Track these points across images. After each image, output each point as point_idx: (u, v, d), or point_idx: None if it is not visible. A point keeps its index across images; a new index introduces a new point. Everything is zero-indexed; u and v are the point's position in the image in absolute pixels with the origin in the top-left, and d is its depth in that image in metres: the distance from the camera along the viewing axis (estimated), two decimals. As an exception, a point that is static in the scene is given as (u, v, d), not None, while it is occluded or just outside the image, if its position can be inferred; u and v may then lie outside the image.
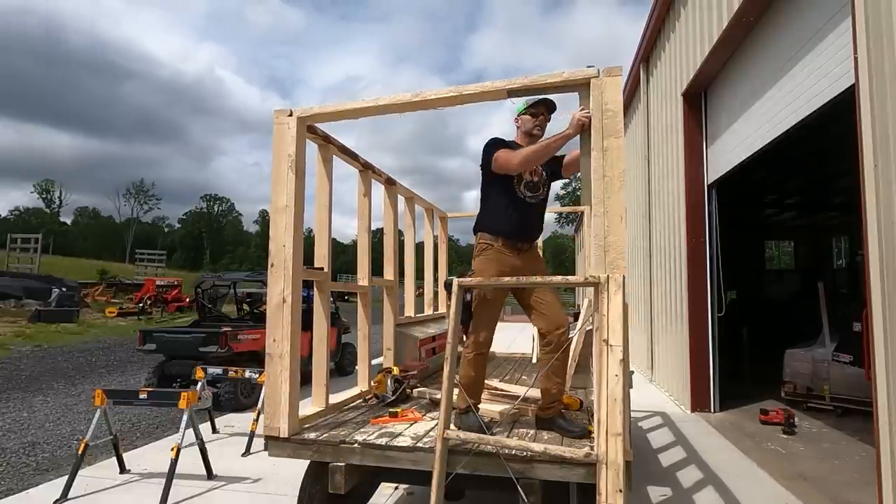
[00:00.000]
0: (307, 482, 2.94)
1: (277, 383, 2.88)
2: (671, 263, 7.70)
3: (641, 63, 9.21)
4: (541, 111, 3.07)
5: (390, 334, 4.40)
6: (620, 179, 2.49)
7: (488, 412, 3.16)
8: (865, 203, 3.18)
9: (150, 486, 4.20)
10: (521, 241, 3.07)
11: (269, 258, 2.97)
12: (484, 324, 2.99)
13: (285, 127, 3.00)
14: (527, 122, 3.09)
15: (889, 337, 2.97)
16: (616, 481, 2.09)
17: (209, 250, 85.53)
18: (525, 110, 3.08)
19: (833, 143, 6.91)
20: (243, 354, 7.53)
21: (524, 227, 3.09)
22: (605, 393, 2.22)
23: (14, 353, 12.35)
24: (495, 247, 3.02)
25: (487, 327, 3.02)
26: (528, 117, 3.09)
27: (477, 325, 2.98)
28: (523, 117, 3.10)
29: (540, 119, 3.08)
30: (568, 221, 62.13)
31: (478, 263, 3.04)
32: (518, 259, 3.03)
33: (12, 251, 28.76)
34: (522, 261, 3.04)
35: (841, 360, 6.17)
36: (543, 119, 3.09)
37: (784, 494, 4.07)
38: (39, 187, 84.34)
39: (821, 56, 4.15)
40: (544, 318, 2.94)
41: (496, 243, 3.02)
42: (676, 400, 7.36)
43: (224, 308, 10.39)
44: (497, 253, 3.01)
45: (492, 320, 3.05)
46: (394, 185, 4.52)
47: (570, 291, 33.35)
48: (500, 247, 3.01)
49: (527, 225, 3.10)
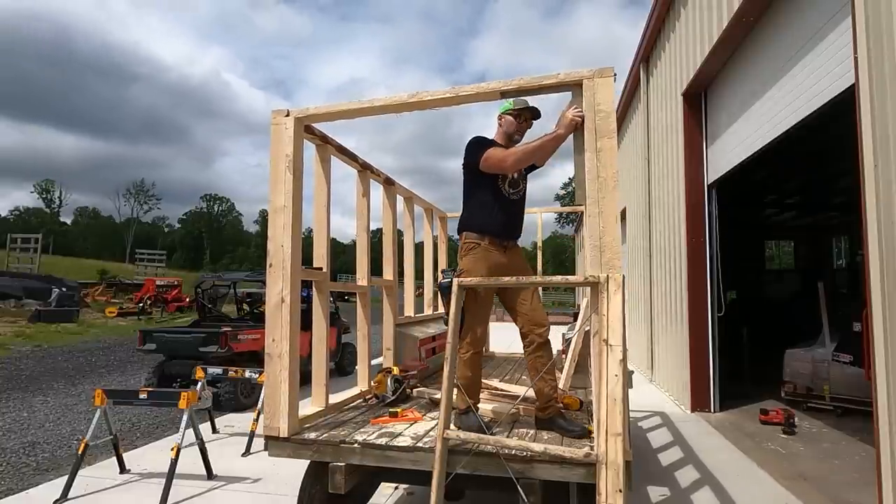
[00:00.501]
0: (307, 482, 2.94)
1: (277, 383, 2.88)
2: (671, 263, 7.70)
3: (641, 63, 9.21)
4: (525, 116, 3.10)
5: (390, 334, 4.40)
6: (614, 180, 2.51)
7: (488, 412, 3.16)
8: (865, 203, 3.18)
9: (150, 486, 4.20)
10: (507, 239, 3.10)
11: (267, 258, 2.97)
12: (477, 322, 3.00)
13: (283, 127, 3.00)
14: (510, 124, 3.11)
15: (889, 337, 2.97)
16: (616, 481, 2.09)
17: (209, 250, 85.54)
18: (509, 111, 3.10)
19: (833, 143, 6.91)
20: (243, 354, 7.53)
21: (509, 224, 3.12)
22: (605, 393, 2.22)
23: (14, 353, 12.36)
24: (482, 245, 3.02)
25: (481, 325, 3.04)
26: (511, 119, 3.10)
27: (470, 324, 2.98)
28: (506, 117, 3.12)
29: (522, 125, 3.11)
30: (568, 221, 62.23)
31: (466, 263, 3.04)
32: (504, 256, 3.05)
33: (12, 251, 28.77)
34: (508, 258, 3.07)
35: (841, 360, 6.17)
36: (525, 125, 3.12)
37: (784, 494, 4.07)
38: (39, 187, 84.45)
39: (821, 56, 4.15)
40: (524, 317, 2.97)
41: (483, 241, 3.02)
42: (676, 400, 7.35)
43: (224, 308, 10.39)
44: (484, 251, 3.01)
45: (484, 318, 3.08)
46: (393, 185, 4.52)
47: (569, 291, 33.37)
48: (487, 245, 3.02)
49: (511, 222, 3.14)
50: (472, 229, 3.07)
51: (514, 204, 3.15)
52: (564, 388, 3.74)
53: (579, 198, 2.63)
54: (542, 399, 2.91)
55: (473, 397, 3.04)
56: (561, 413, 2.94)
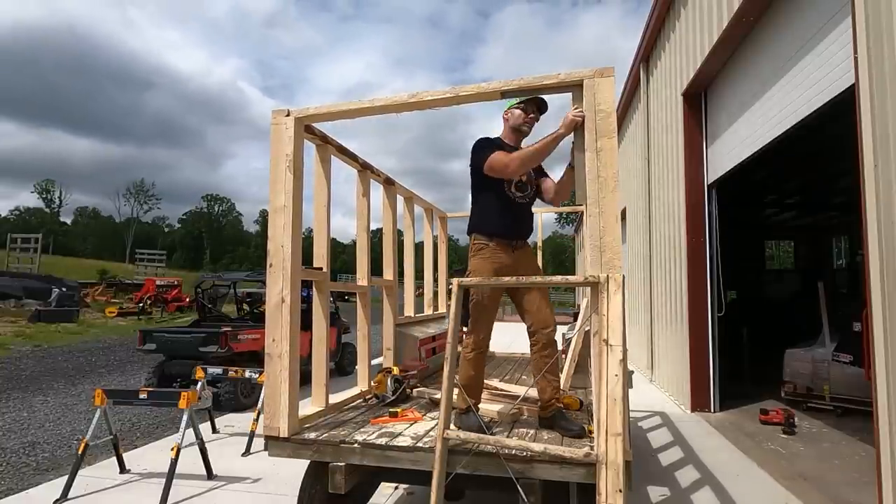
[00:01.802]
0: (307, 482, 2.94)
1: (277, 383, 2.88)
2: (671, 263, 7.70)
3: (641, 63, 9.21)
4: (532, 108, 3.10)
5: (390, 334, 4.40)
6: (614, 180, 2.50)
7: (488, 412, 3.16)
8: (865, 203, 3.18)
9: (150, 486, 4.19)
10: (515, 240, 3.12)
11: (267, 258, 2.97)
12: (482, 323, 3.03)
13: (283, 127, 3.00)
14: (516, 116, 3.10)
15: (889, 337, 2.97)
16: (616, 481, 2.09)
17: (209, 250, 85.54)
18: (515, 105, 3.10)
19: (833, 143, 6.90)
20: (243, 354, 7.52)
21: (516, 226, 3.13)
22: (605, 393, 2.22)
23: (14, 353, 12.35)
24: (490, 246, 3.06)
25: (486, 326, 3.05)
26: (518, 112, 3.10)
27: (475, 324, 3.03)
28: (513, 111, 3.12)
29: (530, 117, 3.11)
30: (568, 221, 62.18)
31: (474, 263, 3.08)
32: (512, 258, 3.07)
33: (12, 251, 28.77)
34: (516, 259, 3.08)
35: (841, 360, 6.17)
36: (533, 118, 3.12)
37: (784, 494, 4.07)
38: (39, 187, 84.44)
39: (821, 56, 4.14)
40: (532, 316, 3.01)
41: (491, 243, 3.06)
42: (676, 400, 7.35)
43: (224, 308, 10.39)
44: (492, 252, 3.05)
45: (489, 319, 3.08)
46: (393, 185, 4.52)
47: (569, 291, 33.35)
48: (495, 246, 3.05)
49: (519, 224, 3.15)
50: (480, 231, 3.10)
51: (521, 206, 3.16)
52: (564, 388, 3.74)
53: (579, 198, 2.63)
54: (544, 398, 2.93)
55: (474, 397, 3.05)
56: (562, 412, 2.95)
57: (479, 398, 3.17)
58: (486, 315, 3.05)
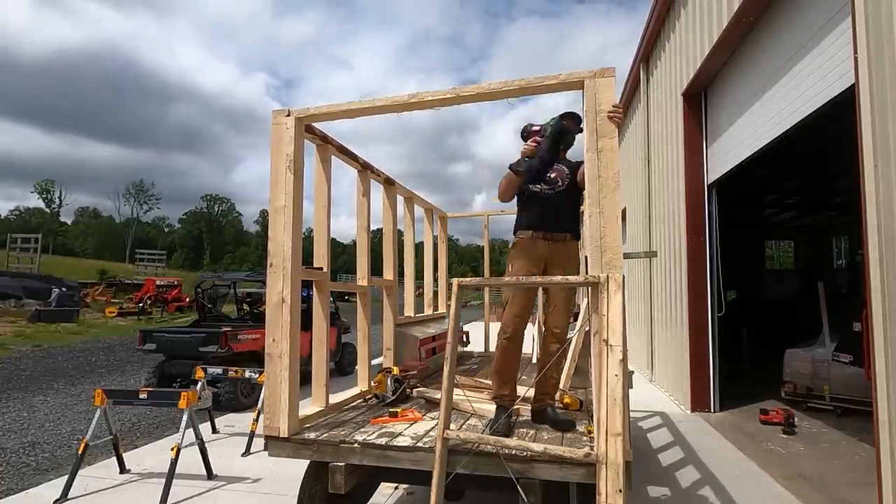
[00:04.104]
0: (307, 482, 2.94)
1: (277, 383, 2.88)
2: (671, 263, 7.70)
3: (641, 63, 9.21)
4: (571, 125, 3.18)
5: (390, 334, 4.39)
6: (615, 180, 2.50)
7: (487, 412, 3.16)
8: (865, 203, 3.18)
9: (150, 486, 4.19)
10: (549, 231, 3.16)
11: (267, 258, 2.97)
12: (511, 312, 3.09)
13: (283, 127, 3.00)
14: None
15: (889, 337, 2.97)
16: (616, 481, 2.09)
17: (209, 250, 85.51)
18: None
19: (833, 143, 6.90)
20: (243, 354, 7.52)
21: (548, 216, 3.18)
22: (605, 393, 2.22)
23: (14, 353, 12.35)
24: (525, 239, 3.19)
25: (515, 316, 3.09)
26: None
27: (506, 313, 3.12)
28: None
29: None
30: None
31: (510, 256, 3.25)
32: (548, 250, 3.14)
33: (12, 251, 28.78)
34: (553, 251, 3.14)
35: (841, 360, 6.17)
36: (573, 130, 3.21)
37: (784, 494, 4.07)
38: (40, 187, 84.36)
39: (821, 56, 4.14)
40: (548, 316, 3.20)
41: (525, 236, 3.19)
42: (676, 400, 7.35)
43: (224, 308, 10.39)
44: (527, 244, 3.17)
45: (522, 309, 3.09)
46: (393, 185, 4.52)
47: (570, 291, 33.26)
48: (530, 238, 3.17)
49: (550, 214, 3.18)
50: (519, 226, 3.27)
51: (550, 197, 3.19)
52: (564, 388, 3.74)
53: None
54: (538, 391, 3.05)
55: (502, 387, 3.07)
56: (552, 406, 3.09)
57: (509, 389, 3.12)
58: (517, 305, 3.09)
